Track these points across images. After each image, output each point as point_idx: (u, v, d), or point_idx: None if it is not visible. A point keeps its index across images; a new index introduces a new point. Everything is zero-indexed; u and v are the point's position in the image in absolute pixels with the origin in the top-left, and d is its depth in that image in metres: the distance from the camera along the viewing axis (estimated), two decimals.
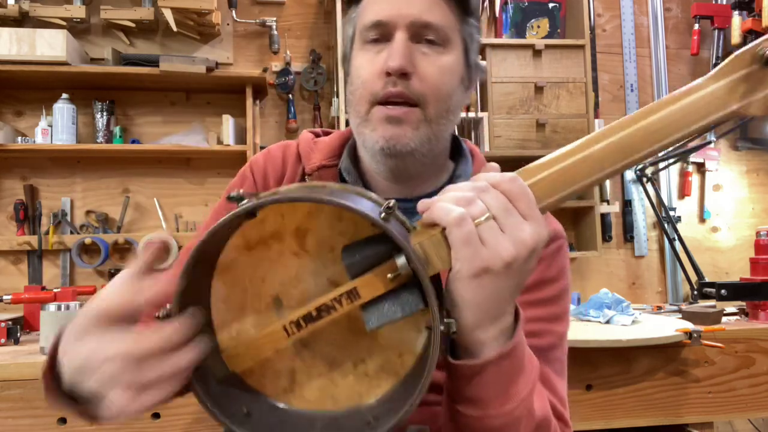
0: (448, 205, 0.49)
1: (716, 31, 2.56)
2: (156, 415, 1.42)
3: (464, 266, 0.49)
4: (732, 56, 0.53)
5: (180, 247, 2.16)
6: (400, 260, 0.49)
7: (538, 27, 2.47)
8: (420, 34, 0.71)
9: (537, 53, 2.35)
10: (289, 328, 0.52)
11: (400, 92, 0.70)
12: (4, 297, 1.73)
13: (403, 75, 0.69)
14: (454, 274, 0.50)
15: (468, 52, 0.76)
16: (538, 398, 0.60)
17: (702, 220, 2.65)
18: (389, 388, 0.55)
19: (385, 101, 0.71)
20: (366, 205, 0.49)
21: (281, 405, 0.57)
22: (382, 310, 0.50)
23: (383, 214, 0.47)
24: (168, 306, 0.49)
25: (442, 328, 0.48)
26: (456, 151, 0.85)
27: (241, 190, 0.49)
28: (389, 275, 0.49)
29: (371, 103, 0.72)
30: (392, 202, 0.48)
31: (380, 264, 0.50)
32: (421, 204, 0.51)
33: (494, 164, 0.55)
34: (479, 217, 0.49)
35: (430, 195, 0.65)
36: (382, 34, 0.72)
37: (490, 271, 0.49)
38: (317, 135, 0.86)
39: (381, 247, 0.50)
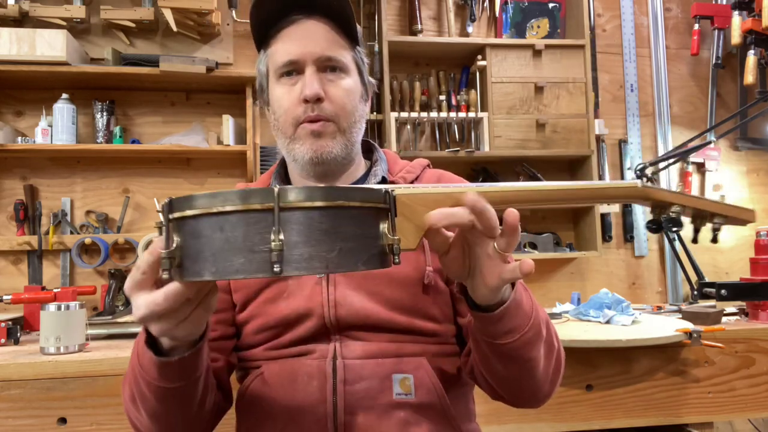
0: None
1: (716, 31, 2.56)
2: None
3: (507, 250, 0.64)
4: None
5: None
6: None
7: (538, 27, 2.47)
8: (324, 65, 0.88)
9: (537, 53, 2.36)
10: None
11: (317, 115, 0.87)
12: (4, 297, 1.73)
13: (318, 100, 0.87)
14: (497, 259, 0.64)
15: (362, 73, 0.95)
16: (538, 306, 0.77)
17: None
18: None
19: (306, 121, 0.88)
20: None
21: None
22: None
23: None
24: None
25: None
26: (370, 153, 1.02)
27: None
28: None
29: (295, 126, 0.89)
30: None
31: None
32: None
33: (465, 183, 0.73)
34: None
35: None
36: (294, 68, 0.89)
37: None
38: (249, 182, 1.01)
39: None
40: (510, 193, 0.67)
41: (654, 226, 0.71)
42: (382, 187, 0.61)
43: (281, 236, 0.51)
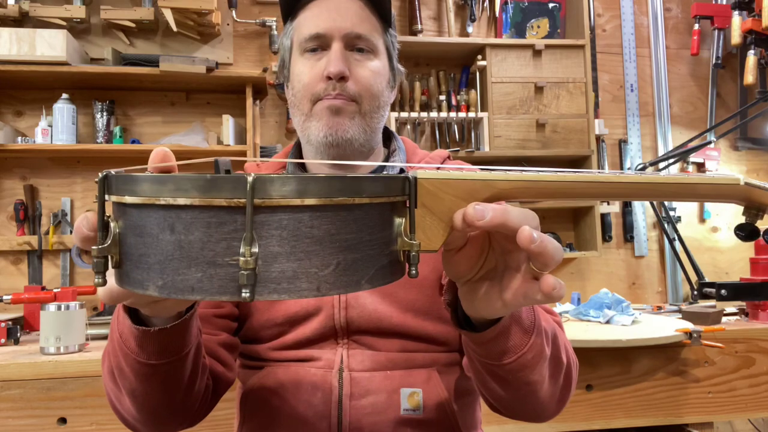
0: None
1: (716, 31, 2.56)
2: None
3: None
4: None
5: None
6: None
7: (538, 27, 2.47)
8: (352, 43, 0.83)
9: (537, 53, 2.36)
10: None
11: (338, 94, 0.81)
12: (4, 297, 1.73)
13: (341, 79, 0.81)
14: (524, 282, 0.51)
15: (391, 58, 0.89)
16: (542, 316, 0.66)
17: (702, 220, 2.65)
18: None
19: (325, 98, 0.81)
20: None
21: None
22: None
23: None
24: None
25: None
26: (388, 142, 0.96)
27: None
28: None
29: (313, 102, 0.82)
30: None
31: None
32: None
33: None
34: None
35: None
36: (320, 44, 0.83)
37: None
38: (258, 165, 0.98)
39: None
40: (577, 185, 0.49)
41: (743, 234, 0.53)
42: (400, 165, 0.48)
43: (254, 248, 0.37)
